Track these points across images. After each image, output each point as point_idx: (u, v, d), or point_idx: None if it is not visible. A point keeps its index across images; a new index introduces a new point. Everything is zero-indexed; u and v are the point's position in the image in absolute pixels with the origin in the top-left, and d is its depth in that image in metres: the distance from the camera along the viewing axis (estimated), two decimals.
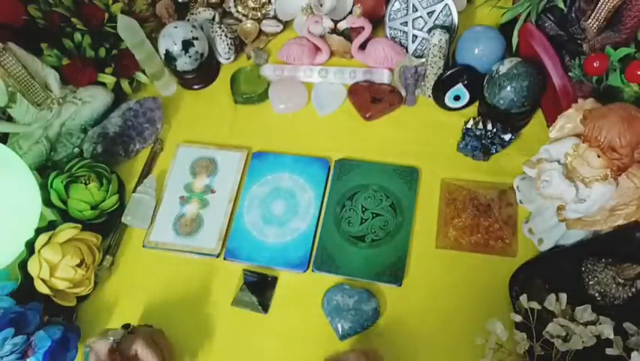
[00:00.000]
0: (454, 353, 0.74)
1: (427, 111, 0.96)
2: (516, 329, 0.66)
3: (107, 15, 0.98)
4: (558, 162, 0.73)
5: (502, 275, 0.78)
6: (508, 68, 0.82)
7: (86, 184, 0.87)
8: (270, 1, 1.08)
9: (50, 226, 0.81)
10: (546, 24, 0.85)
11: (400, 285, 0.80)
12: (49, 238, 0.79)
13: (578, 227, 0.74)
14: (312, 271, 0.83)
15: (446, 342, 0.75)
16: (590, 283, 0.71)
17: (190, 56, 0.98)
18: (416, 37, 0.98)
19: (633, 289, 0.68)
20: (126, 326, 0.73)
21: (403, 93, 0.97)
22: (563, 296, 0.66)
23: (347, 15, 1.01)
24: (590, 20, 0.78)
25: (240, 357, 0.79)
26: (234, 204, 0.91)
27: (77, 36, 0.96)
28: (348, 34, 1.02)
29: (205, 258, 0.87)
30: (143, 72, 1.03)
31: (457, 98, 0.92)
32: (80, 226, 0.83)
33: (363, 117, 0.96)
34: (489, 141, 0.87)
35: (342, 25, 1.00)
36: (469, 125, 0.88)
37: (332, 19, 1.00)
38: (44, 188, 0.86)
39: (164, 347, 0.73)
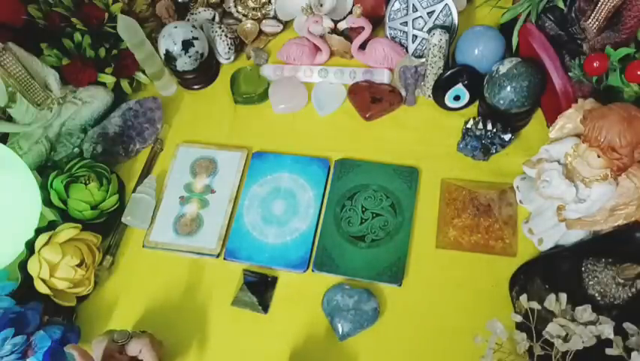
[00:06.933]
0: (454, 353, 0.74)
1: (427, 111, 0.96)
2: (516, 329, 0.66)
3: (107, 15, 0.98)
4: (558, 162, 0.73)
5: (502, 275, 0.78)
6: (508, 68, 0.82)
7: (86, 184, 0.87)
8: (270, 1, 1.07)
9: (50, 226, 0.81)
10: (546, 24, 0.85)
11: (400, 285, 0.80)
12: (49, 238, 0.79)
13: (578, 227, 0.74)
14: (312, 271, 0.83)
15: (446, 342, 0.75)
16: (590, 283, 0.70)
17: (190, 56, 0.98)
18: (416, 37, 0.98)
19: (633, 289, 0.68)
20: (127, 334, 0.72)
21: (403, 93, 0.97)
22: (563, 296, 0.65)
23: (347, 15, 1.01)
24: (590, 20, 0.78)
25: (239, 357, 0.79)
26: (234, 204, 0.91)
27: (77, 36, 0.96)
28: (348, 34, 1.02)
29: (205, 258, 0.87)
30: (143, 72, 1.03)
31: (457, 98, 0.92)
32: (79, 225, 0.83)
33: (363, 117, 0.96)
34: (489, 141, 0.87)
35: (342, 25, 1.00)
36: (469, 125, 0.88)
37: (332, 19, 1.00)
38: (44, 188, 0.86)
39: (160, 355, 0.73)
